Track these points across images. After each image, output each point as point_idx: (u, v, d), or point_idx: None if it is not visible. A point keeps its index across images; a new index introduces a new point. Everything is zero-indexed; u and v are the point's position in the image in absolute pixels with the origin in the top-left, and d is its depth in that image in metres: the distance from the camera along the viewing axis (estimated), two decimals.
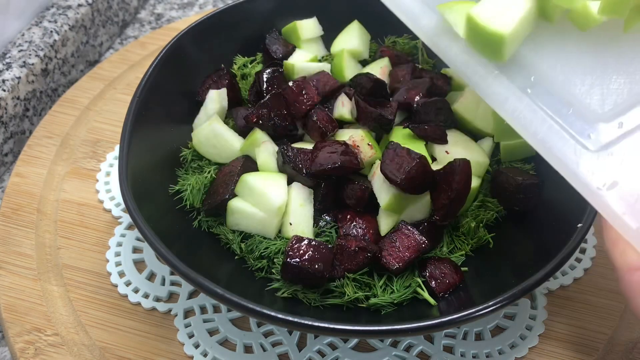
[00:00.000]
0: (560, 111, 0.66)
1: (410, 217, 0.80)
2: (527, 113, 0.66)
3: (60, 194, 0.93)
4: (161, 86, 0.87)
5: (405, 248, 0.77)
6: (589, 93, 0.66)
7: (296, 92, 0.87)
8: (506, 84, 0.69)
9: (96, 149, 0.99)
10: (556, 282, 0.84)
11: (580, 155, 0.63)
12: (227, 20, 0.98)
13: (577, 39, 0.69)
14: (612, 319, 0.81)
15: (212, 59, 0.97)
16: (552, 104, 0.66)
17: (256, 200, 0.79)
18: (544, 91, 0.67)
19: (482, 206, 0.84)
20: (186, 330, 0.79)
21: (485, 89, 0.70)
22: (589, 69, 0.68)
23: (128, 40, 1.26)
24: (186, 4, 1.34)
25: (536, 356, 0.78)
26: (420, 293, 0.76)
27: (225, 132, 0.88)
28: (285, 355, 0.78)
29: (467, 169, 0.76)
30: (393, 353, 0.77)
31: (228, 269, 0.79)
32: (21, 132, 1.03)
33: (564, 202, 0.80)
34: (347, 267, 0.76)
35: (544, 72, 0.68)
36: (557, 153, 0.64)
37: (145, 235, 0.70)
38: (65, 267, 0.85)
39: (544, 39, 0.70)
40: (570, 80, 0.67)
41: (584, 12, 0.67)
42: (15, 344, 0.77)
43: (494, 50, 0.68)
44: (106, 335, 0.79)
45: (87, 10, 1.15)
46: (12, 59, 1.03)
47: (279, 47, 0.99)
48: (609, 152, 0.63)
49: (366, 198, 0.81)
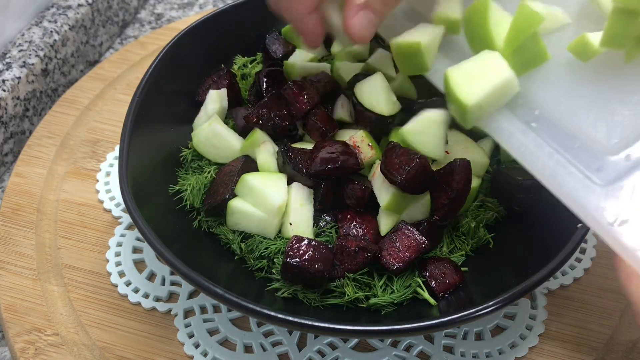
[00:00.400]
0: (567, 145, 0.65)
1: (410, 217, 0.80)
2: (533, 148, 0.65)
3: (60, 194, 0.93)
4: (161, 86, 0.87)
5: (405, 248, 0.77)
6: (595, 125, 0.65)
7: (296, 92, 0.87)
8: (510, 119, 0.67)
9: (96, 149, 1.00)
10: (556, 282, 0.84)
11: (589, 190, 0.62)
12: (227, 20, 0.98)
13: (579, 70, 0.68)
14: (612, 319, 0.81)
15: (212, 59, 0.97)
16: (558, 138, 0.65)
17: (256, 200, 0.79)
18: (549, 124, 0.66)
19: (482, 206, 0.84)
20: (186, 330, 0.79)
21: (490, 123, 0.69)
22: (593, 101, 0.66)
23: (128, 40, 1.26)
24: (186, 4, 1.34)
25: (536, 356, 0.78)
26: (420, 293, 0.76)
27: (225, 132, 0.88)
28: (285, 355, 0.78)
29: (467, 169, 0.76)
30: (393, 353, 0.77)
31: (228, 269, 0.79)
32: (21, 132, 1.03)
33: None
34: (347, 267, 0.76)
35: (548, 105, 0.67)
36: (566, 189, 0.63)
37: (145, 235, 0.70)
38: (65, 267, 0.85)
39: (545, 71, 0.69)
40: (575, 113, 0.66)
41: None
42: (15, 344, 0.77)
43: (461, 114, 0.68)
44: (106, 335, 0.79)
45: (87, 10, 1.15)
46: (12, 59, 1.03)
47: (279, 47, 0.99)
48: (618, 186, 0.62)
49: (366, 198, 0.81)
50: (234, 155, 0.88)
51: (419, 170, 0.75)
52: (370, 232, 0.80)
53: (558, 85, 0.68)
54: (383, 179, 0.78)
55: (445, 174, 0.77)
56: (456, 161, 0.76)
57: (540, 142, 0.66)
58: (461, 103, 0.66)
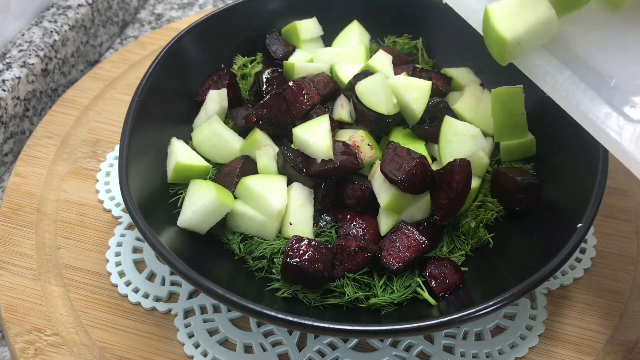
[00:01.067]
0: (602, 83, 0.66)
1: (410, 217, 0.80)
2: (568, 85, 0.67)
3: (60, 194, 0.93)
4: (161, 86, 0.87)
5: (406, 248, 0.77)
6: (630, 67, 0.67)
7: (296, 92, 0.87)
8: (547, 57, 0.68)
9: (96, 149, 0.99)
10: (556, 282, 0.84)
11: (623, 126, 0.63)
12: (227, 20, 0.98)
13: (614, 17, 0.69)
14: (612, 319, 0.81)
15: (212, 59, 0.97)
16: (593, 77, 0.67)
17: (256, 203, 0.80)
18: (585, 65, 0.67)
19: (482, 206, 0.84)
20: (186, 330, 0.79)
21: (526, 62, 0.69)
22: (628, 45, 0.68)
23: (128, 40, 1.26)
24: (186, 4, 1.34)
25: (536, 356, 0.78)
26: (420, 293, 0.76)
27: (225, 133, 0.88)
28: (285, 355, 0.78)
29: (467, 169, 0.76)
30: (393, 353, 0.77)
31: (228, 269, 0.79)
32: (21, 132, 1.03)
33: (564, 202, 0.80)
34: (347, 267, 0.76)
35: (585, 47, 0.68)
36: (600, 124, 0.64)
37: (146, 235, 0.70)
38: (65, 267, 0.85)
39: (584, 15, 0.69)
40: (611, 55, 0.67)
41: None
42: (15, 344, 0.77)
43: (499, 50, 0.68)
44: (106, 335, 0.79)
45: (87, 10, 1.15)
46: (12, 59, 1.03)
47: (279, 47, 0.99)
48: None
49: (366, 198, 0.81)
50: (234, 156, 0.88)
51: (419, 170, 0.75)
52: (370, 232, 0.80)
53: (595, 29, 0.69)
54: (383, 178, 0.78)
55: (445, 174, 0.77)
56: (456, 161, 0.76)
57: (575, 80, 0.67)
58: (500, 37, 0.66)
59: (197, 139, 0.89)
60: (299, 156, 0.82)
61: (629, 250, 0.88)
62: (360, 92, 0.86)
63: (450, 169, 0.76)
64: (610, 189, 0.94)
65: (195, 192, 0.79)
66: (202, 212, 0.77)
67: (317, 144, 0.80)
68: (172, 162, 0.84)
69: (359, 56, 0.97)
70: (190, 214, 0.77)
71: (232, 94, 0.93)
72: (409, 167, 0.74)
